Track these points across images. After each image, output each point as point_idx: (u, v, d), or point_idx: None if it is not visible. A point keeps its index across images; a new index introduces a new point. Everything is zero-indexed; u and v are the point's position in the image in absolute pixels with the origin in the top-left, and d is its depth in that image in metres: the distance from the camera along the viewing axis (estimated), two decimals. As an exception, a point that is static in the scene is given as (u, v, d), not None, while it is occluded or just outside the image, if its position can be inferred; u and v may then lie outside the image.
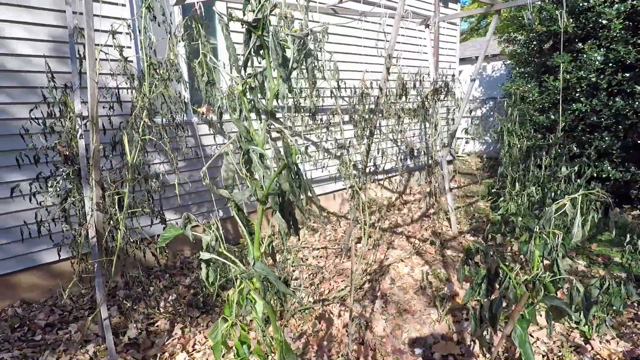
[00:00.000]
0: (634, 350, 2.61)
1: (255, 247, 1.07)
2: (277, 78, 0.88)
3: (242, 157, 0.93)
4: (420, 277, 3.77)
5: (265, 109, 0.91)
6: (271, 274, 1.02)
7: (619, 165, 5.19)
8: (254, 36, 0.86)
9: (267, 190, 0.92)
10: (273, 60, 0.84)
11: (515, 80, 6.67)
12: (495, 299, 1.65)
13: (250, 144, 0.91)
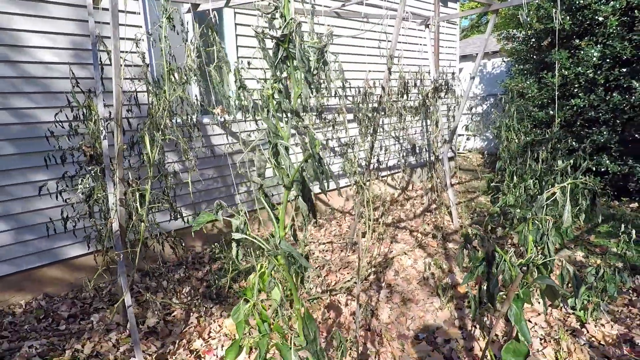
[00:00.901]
0: (628, 333, 2.76)
1: (281, 227, 1.22)
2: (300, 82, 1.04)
3: (271, 150, 1.08)
4: (422, 269, 3.93)
5: (290, 109, 1.07)
6: (294, 251, 1.17)
7: (617, 159, 5.31)
8: (282, 49, 1.01)
9: (293, 178, 1.07)
10: (299, 67, 0.99)
11: (514, 77, 6.80)
12: (492, 280, 1.80)
13: (278, 138, 1.07)
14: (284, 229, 1.22)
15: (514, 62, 7.16)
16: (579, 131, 5.66)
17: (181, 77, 2.33)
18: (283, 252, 1.18)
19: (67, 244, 3.45)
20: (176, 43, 2.67)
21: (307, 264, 1.20)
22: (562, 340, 2.69)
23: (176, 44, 2.66)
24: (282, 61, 1.06)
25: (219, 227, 4.55)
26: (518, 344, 1.99)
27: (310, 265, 1.21)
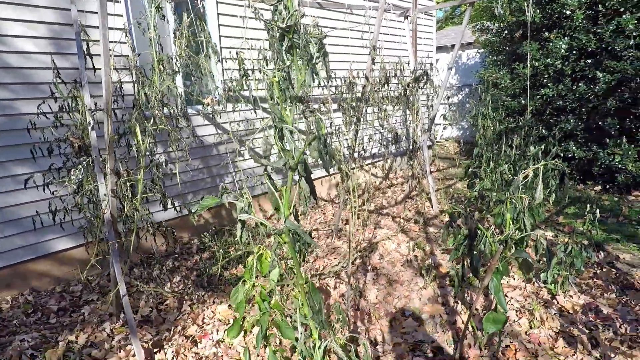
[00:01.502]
0: (593, 302, 3.01)
1: (285, 207, 1.30)
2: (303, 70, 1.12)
3: (277, 134, 1.16)
4: (406, 252, 4.10)
5: (295, 96, 1.15)
6: (299, 228, 1.27)
7: (583, 145, 5.64)
8: (287, 39, 1.09)
9: (298, 160, 1.16)
10: (303, 57, 1.08)
11: (488, 67, 7.05)
12: (475, 254, 1.96)
13: (283, 123, 1.15)
14: (288, 209, 1.30)
15: (488, 54, 7.41)
16: (548, 119, 5.96)
17: (171, 67, 2.35)
18: (288, 230, 1.27)
19: (54, 237, 3.41)
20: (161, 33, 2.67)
21: (311, 240, 1.29)
22: (536, 311, 2.92)
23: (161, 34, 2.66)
24: (287, 50, 1.14)
25: (206, 217, 4.58)
26: (497, 314, 2.17)
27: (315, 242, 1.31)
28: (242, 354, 2.66)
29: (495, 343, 2.59)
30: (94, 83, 3.07)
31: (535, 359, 2.45)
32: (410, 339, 2.72)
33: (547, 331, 2.72)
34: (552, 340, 2.64)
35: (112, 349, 2.64)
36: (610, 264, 3.59)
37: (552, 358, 2.46)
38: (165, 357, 2.60)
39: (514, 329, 2.75)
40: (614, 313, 2.85)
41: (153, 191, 2.65)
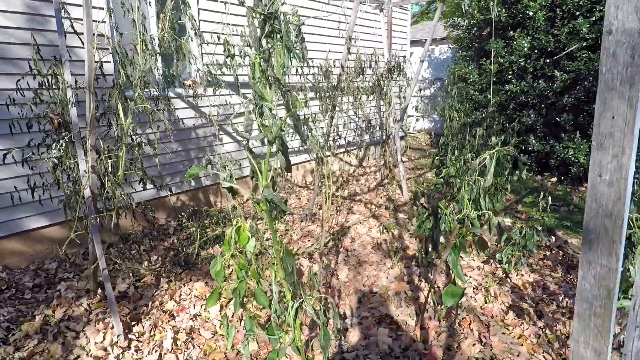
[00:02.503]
0: (542, 280, 3.33)
1: (264, 177, 1.44)
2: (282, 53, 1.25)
3: (257, 110, 1.29)
4: (376, 236, 4.33)
5: (274, 76, 1.28)
6: (276, 197, 1.41)
7: (542, 139, 6.05)
8: (267, 24, 1.21)
9: (275, 134, 1.30)
10: (284, 41, 1.21)
11: (458, 62, 7.35)
12: (436, 230, 2.18)
13: (263, 100, 1.28)
14: (266, 179, 1.44)
15: (458, 49, 7.71)
16: (512, 114, 6.33)
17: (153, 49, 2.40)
18: (265, 198, 1.42)
19: (27, 215, 3.39)
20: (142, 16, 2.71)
21: (286, 207, 1.44)
22: (490, 287, 3.20)
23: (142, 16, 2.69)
24: (267, 35, 1.27)
25: (183, 200, 4.63)
26: (455, 288, 2.41)
27: (289, 209, 1.45)
28: (219, 327, 2.81)
29: (452, 316, 2.85)
30: (73, 61, 3.06)
31: (487, 328, 2.72)
32: (376, 313, 2.94)
33: (500, 305, 3.01)
34: (503, 313, 2.92)
35: (90, 322, 2.71)
36: (559, 247, 3.95)
37: (502, 328, 2.74)
38: (143, 330, 2.70)
39: (471, 304, 3.02)
40: (558, 289, 3.18)
41: (134, 169, 2.71)
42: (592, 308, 0.67)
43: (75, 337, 2.56)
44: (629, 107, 0.62)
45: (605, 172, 0.66)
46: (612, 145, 0.64)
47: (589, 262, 0.69)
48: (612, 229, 0.63)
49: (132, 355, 2.46)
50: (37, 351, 2.41)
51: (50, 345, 2.44)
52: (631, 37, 0.61)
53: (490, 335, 2.61)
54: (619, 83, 0.63)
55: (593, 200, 0.67)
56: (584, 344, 0.69)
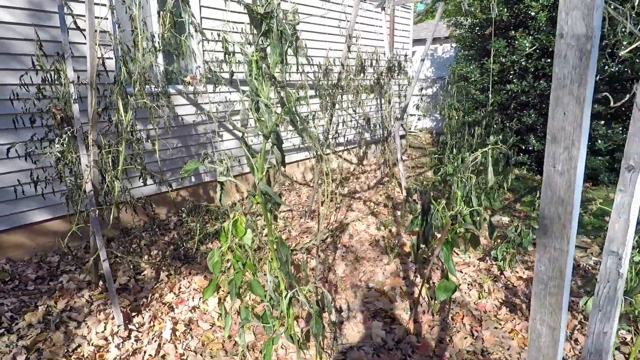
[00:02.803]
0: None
1: (260, 171, 1.49)
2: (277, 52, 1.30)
3: (254, 106, 1.34)
4: (374, 233, 4.37)
5: (269, 74, 1.33)
6: (270, 189, 1.46)
7: (542, 139, 6.06)
8: (264, 23, 1.26)
9: (271, 129, 1.35)
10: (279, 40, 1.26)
11: (459, 62, 7.36)
12: (427, 226, 2.22)
13: (259, 96, 1.33)
14: (261, 172, 1.49)
15: (461, 48, 7.72)
16: (513, 113, 6.34)
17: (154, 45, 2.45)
18: (260, 191, 1.47)
19: (30, 209, 3.46)
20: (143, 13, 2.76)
21: (280, 200, 1.49)
22: (485, 283, 3.24)
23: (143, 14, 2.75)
24: (264, 34, 1.32)
25: (184, 195, 4.69)
26: (447, 282, 2.46)
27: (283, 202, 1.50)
28: (217, 319, 2.87)
29: (446, 310, 2.89)
30: (76, 57, 3.13)
31: (479, 323, 2.77)
32: (372, 307, 2.99)
33: (493, 301, 3.05)
34: (496, 308, 2.97)
35: (92, 313, 2.77)
36: (554, 246, 3.98)
37: (494, 323, 2.78)
38: (143, 321, 2.77)
39: (465, 300, 3.07)
40: (552, 286, 3.22)
41: (134, 164, 2.77)
42: (546, 288, 0.71)
43: (77, 327, 2.62)
44: (578, 104, 0.67)
45: (558, 163, 0.70)
46: (563, 138, 0.69)
47: (544, 246, 0.73)
48: (564, 214, 0.67)
49: (132, 345, 2.52)
50: (40, 340, 2.47)
51: (52, 334, 2.51)
52: (579, 41, 0.65)
53: (482, 330, 2.66)
54: (569, 82, 0.68)
55: (547, 189, 0.71)
56: (540, 321, 0.73)
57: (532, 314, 0.76)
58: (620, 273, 0.87)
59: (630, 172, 0.92)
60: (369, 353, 2.47)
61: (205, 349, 2.56)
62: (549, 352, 0.69)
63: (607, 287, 0.89)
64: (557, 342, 0.68)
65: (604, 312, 0.89)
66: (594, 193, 5.59)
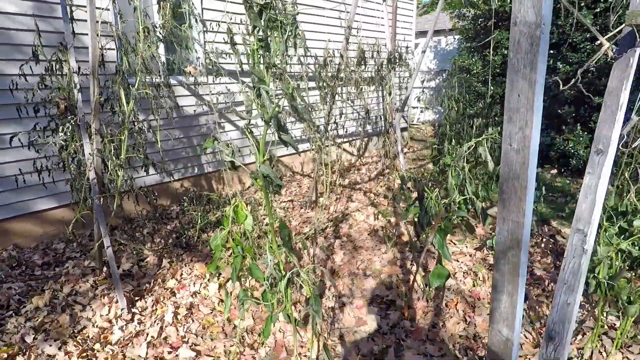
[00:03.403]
0: (530, 266, 3.42)
1: (261, 155, 1.54)
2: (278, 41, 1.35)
3: (255, 93, 1.39)
4: (373, 223, 4.43)
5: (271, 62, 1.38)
6: (272, 172, 1.52)
7: (543, 132, 6.06)
8: (265, 13, 1.31)
9: (271, 115, 1.40)
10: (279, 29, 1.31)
11: (462, 54, 7.34)
12: (422, 213, 2.27)
13: (261, 83, 1.38)
14: (262, 156, 1.55)
15: (464, 40, 7.69)
16: (514, 105, 6.33)
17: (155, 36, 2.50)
18: (262, 174, 1.52)
19: (36, 197, 3.55)
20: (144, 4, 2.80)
21: (281, 182, 1.55)
22: (479, 272, 3.30)
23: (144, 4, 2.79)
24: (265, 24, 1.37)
25: (186, 186, 4.77)
26: (441, 268, 2.52)
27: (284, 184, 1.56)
28: (217, 303, 2.95)
29: (440, 297, 2.95)
30: (78, 48, 3.18)
31: (472, 309, 2.83)
32: (368, 294, 3.05)
33: (487, 289, 3.10)
34: (490, 295, 3.02)
35: (96, 297, 2.86)
36: (551, 236, 4.01)
37: (487, 309, 2.84)
38: (146, 305, 2.85)
39: (460, 287, 3.12)
40: (545, 275, 3.26)
41: (136, 153, 2.84)
42: (505, 257, 0.76)
43: (82, 310, 2.71)
44: (530, 86, 0.71)
45: (514, 142, 0.75)
46: (518, 119, 0.73)
47: (503, 219, 0.78)
48: (520, 189, 0.72)
49: (135, 327, 2.61)
50: (47, 321, 2.57)
51: (59, 317, 2.60)
52: (530, 28, 0.69)
53: (475, 316, 2.72)
54: (522, 66, 0.72)
55: (505, 166, 0.76)
56: (500, 289, 0.78)
57: (493, 283, 0.81)
58: (585, 249, 0.92)
59: (598, 156, 0.96)
60: (364, 337, 2.54)
61: (206, 331, 2.65)
62: (508, 316, 0.74)
63: (573, 262, 0.94)
64: (515, 306, 0.73)
65: (569, 285, 0.94)
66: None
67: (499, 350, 0.84)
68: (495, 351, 0.85)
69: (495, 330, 0.85)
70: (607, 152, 0.94)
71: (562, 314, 0.95)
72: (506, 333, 0.81)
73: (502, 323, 0.80)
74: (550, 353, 0.99)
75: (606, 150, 0.94)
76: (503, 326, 0.81)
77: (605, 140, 0.96)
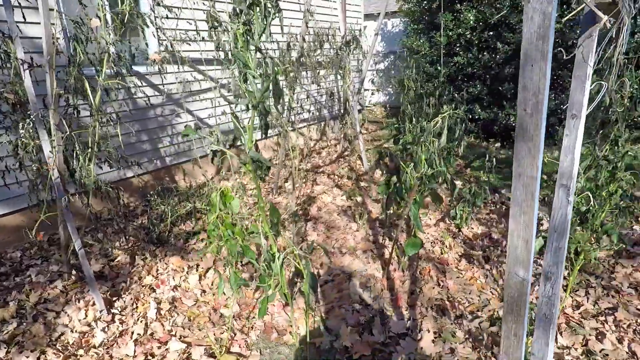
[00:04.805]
0: (488, 231, 3.75)
1: (249, 139, 1.57)
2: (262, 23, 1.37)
3: (241, 77, 1.41)
4: (341, 204, 4.57)
5: (255, 45, 1.40)
6: (260, 157, 1.55)
7: (487, 108, 6.53)
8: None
9: (259, 100, 1.43)
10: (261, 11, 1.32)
11: (410, 35, 7.61)
12: (399, 185, 2.42)
13: (247, 68, 1.40)
14: (251, 141, 1.58)
15: (410, 22, 7.95)
16: (460, 84, 6.74)
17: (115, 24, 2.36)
18: (251, 159, 1.56)
19: (-17, 203, 3.26)
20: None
21: (270, 164, 1.59)
22: (446, 240, 3.57)
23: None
24: (249, 7, 1.38)
25: (146, 180, 4.58)
26: (415, 239, 2.70)
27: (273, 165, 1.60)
28: (200, 295, 2.94)
29: (414, 266, 3.17)
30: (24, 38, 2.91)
31: (443, 274, 3.07)
32: (347, 269, 3.20)
33: (454, 255, 3.37)
34: (456, 261, 3.29)
35: (69, 302, 2.73)
36: (502, 203, 4.41)
37: (456, 273, 3.10)
38: (125, 304, 2.77)
39: (429, 256, 3.36)
40: (502, 238, 3.60)
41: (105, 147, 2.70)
42: (521, 209, 0.90)
43: (56, 317, 2.58)
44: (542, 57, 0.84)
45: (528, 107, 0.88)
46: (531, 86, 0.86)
47: (519, 175, 0.91)
48: (533, 148, 0.85)
49: (117, 327, 2.54)
50: (18, 333, 2.42)
51: (31, 327, 2.46)
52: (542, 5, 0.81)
53: (447, 280, 2.96)
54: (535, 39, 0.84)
55: (520, 128, 0.89)
56: (517, 237, 0.92)
57: (510, 232, 0.94)
58: (569, 200, 1.09)
59: (573, 120, 1.13)
60: (348, 310, 2.68)
61: (192, 323, 2.64)
62: (524, 259, 0.88)
63: (560, 213, 1.11)
64: (530, 251, 0.87)
65: (559, 232, 1.11)
66: (533, 154, 6.17)
67: (516, 291, 0.98)
68: (512, 292, 1.00)
69: (512, 274, 0.99)
70: (580, 116, 1.11)
71: (555, 257, 1.13)
72: (522, 274, 0.96)
73: (519, 266, 0.94)
74: (548, 290, 1.17)
75: (579, 115, 1.11)
76: (520, 268, 0.95)
77: (577, 105, 1.12)
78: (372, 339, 2.39)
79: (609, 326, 2.38)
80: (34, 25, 3.10)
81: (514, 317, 1.03)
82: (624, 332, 2.33)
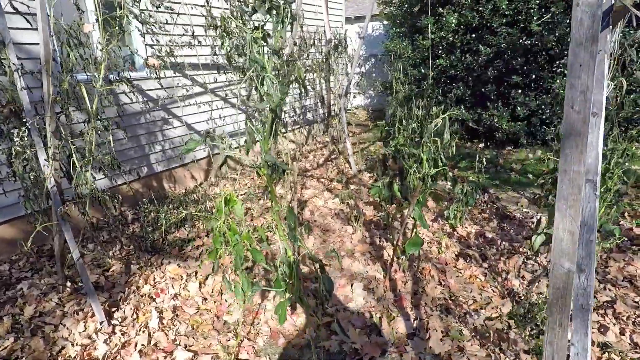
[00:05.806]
0: (481, 230, 3.86)
1: (265, 142, 1.57)
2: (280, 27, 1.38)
3: (259, 82, 1.41)
4: (333, 207, 4.60)
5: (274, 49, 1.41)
6: (276, 160, 1.55)
7: (470, 109, 6.71)
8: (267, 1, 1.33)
9: (277, 103, 1.43)
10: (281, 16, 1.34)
11: (392, 39, 7.74)
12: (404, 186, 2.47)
13: (264, 71, 1.40)
14: (268, 144, 1.58)
15: (392, 26, 8.09)
16: (444, 87, 6.90)
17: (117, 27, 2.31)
18: (265, 162, 1.56)
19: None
20: None
21: (287, 168, 1.60)
22: (442, 240, 3.65)
23: None
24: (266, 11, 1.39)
25: (136, 187, 4.47)
26: (416, 238, 2.76)
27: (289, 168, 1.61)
28: (201, 302, 2.90)
29: (414, 267, 3.23)
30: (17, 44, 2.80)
31: (444, 274, 3.14)
32: (348, 272, 3.22)
33: (451, 254, 3.45)
34: (454, 260, 3.37)
35: (67, 315, 2.64)
36: (492, 202, 4.54)
37: (455, 272, 3.18)
38: (125, 315, 2.70)
39: (427, 256, 3.43)
40: (495, 236, 3.71)
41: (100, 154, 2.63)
42: (567, 202, 0.95)
43: (55, 330, 2.49)
44: (590, 57, 0.89)
45: (575, 105, 0.93)
46: (580, 84, 0.92)
47: (565, 171, 0.97)
48: (580, 144, 0.91)
49: (119, 339, 2.47)
50: (17, 348, 2.32)
51: (29, 341, 2.37)
52: (592, 8, 0.87)
53: (448, 279, 3.03)
54: (584, 40, 0.89)
55: (567, 125, 0.94)
56: (562, 230, 0.98)
57: (555, 225, 1.00)
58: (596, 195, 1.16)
59: (594, 117, 1.20)
60: (354, 312, 2.70)
61: (196, 331, 2.61)
62: (569, 251, 0.93)
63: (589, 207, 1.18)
64: (575, 243, 0.92)
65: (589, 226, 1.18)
66: (515, 155, 6.38)
67: (561, 282, 1.03)
68: (557, 283, 1.04)
69: (557, 265, 1.04)
70: (601, 113, 1.18)
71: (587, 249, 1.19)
72: (567, 266, 1.01)
73: (564, 258, 0.99)
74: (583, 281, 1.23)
75: (600, 112, 1.18)
76: (565, 260, 1.00)
77: (598, 104, 1.19)
78: (381, 340, 2.42)
79: (609, 319, 2.49)
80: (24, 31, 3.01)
81: (559, 308, 1.09)
82: (625, 324, 2.45)
